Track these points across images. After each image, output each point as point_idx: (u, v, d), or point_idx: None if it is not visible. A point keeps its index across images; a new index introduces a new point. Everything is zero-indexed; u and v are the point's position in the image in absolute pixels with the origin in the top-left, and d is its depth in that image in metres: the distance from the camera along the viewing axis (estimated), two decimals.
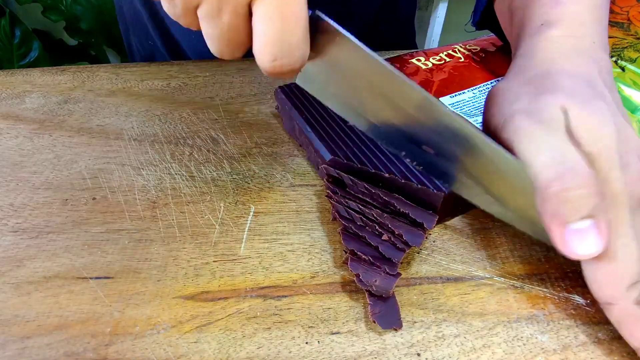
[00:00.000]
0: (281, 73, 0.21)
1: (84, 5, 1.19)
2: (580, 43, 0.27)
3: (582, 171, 0.21)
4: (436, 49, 0.41)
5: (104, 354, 0.22)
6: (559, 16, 0.28)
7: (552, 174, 0.21)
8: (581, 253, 0.21)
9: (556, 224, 0.21)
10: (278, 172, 0.32)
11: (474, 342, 0.23)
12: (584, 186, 0.21)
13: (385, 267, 0.24)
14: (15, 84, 0.41)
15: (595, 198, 0.21)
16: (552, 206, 0.21)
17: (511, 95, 0.26)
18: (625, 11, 0.42)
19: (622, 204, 0.22)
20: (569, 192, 0.21)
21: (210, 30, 0.20)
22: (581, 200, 0.21)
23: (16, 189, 0.30)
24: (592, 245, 0.21)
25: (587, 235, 0.21)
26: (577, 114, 0.23)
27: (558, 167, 0.21)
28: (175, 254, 0.26)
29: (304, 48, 0.21)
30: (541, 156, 0.22)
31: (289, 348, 0.22)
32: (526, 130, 0.23)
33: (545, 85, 0.25)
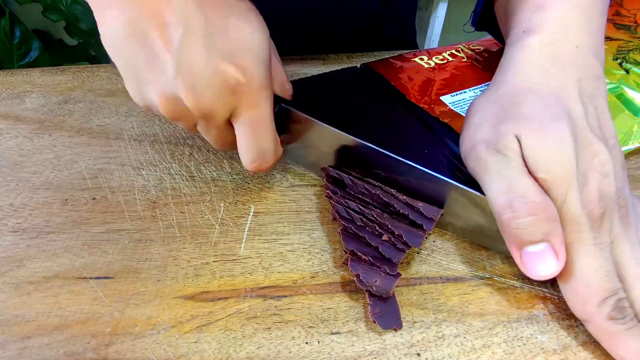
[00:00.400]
0: (260, 170, 0.27)
1: (84, 5, 1.18)
2: (560, 50, 0.27)
3: (532, 198, 0.22)
4: (439, 49, 0.41)
5: (104, 354, 0.22)
6: (541, 22, 0.28)
7: (503, 202, 0.23)
8: (540, 274, 0.23)
9: (514, 248, 0.23)
10: (278, 172, 0.32)
11: (474, 342, 0.23)
12: (534, 213, 0.22)
13: (386, 268, 0.25)
14: (15, 84, 0.41)
15: (547, 223, 0.22)
16: (508, 232, 0.23)
17: (477, 119, 0.27)
18: (632, 14, 0.42)
19: (582, 225, 0.22)
20: (518, 219, 0.22)
21: (207, 138, 0.27)
22: (532, 226, 0.22)
23: (16, 189, 0.30)
24: (549, 267, 0.22)
25: (543, 257, 0.22)
26: (531, 143, 0.24)
27: (508, 196, 0.23)
28: (175, 254, 0.26)
29: (275, 149, 0.27)
30: (493, 186, 0.24)
31: (289, 348, 0.22)
32: (484, 160, 0.24)
33: (507, 111, 0.25)
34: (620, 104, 0.34)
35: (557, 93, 0.25)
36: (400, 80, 0.37)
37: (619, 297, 0.22)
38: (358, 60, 0.45)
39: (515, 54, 0.28)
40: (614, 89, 0.35)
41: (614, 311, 0.21)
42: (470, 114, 0.28)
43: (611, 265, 0.22)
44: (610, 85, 0.35)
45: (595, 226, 0.22)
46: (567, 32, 0.27)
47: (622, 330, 0.21)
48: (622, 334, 0.21)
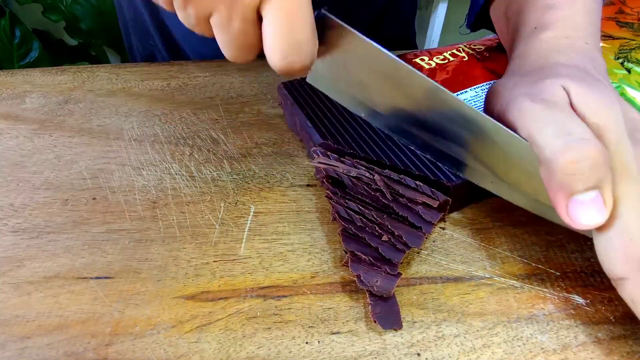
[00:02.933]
0: (292, 70, 0.22)
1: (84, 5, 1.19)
2: (574, 42, 0.27)
3: (590, 141, 0.21)
4: (440, 49, 0.41)
5: (104, 354, 0.22)
6: (551, 20, 0.28)
7: (559, 146, 0.21)
8: (585, 223, 0.21)
9: (562, 196, 0.21)
10: (278, 172, 0.32)
11: (474, 342, 0.23)
12: (592, 157, 0.20)
13: (386, 268, 0.25)
14: (15, 84, 0.41)
15: (602, 169, 0.20)
16: (559, 178, 0.21)
17: (511, 85, 0.26)
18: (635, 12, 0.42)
19: (634, 176, 0.21)
20: (577, 163, 0.20)
21: (223, 36, 0.22)
22: (588, 171, 0.20)
23: (16, 189, 0.30)
24: (596, 216, 0.21)
25: (591, 206, 0.21)
26: (579, 91, 0.23)
27: (565, 139, 0.21)
28: (176, 254, 0.27)
29: (312, 45, 0.21)
30: (547, 130, 0.22)
31: (289, 348, 0.22)
32: (529, 108, 0.23)
33: (544, 73, 0.25)
34: None
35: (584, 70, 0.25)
36: None
37: None
38: None
39: (531, 46, 0.28)
40: (615, 88, 0.35)
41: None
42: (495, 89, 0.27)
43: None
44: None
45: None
46: (577, 30, 0.28)
47: None
48: None
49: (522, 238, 0.28)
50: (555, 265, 0.26)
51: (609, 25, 0.41)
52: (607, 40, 0.39)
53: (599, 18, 0.29)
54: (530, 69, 0.26)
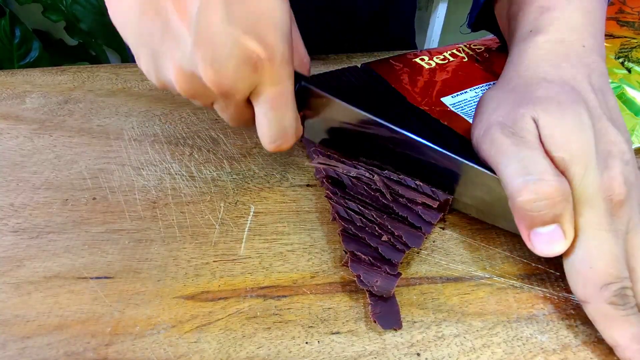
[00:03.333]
0: (281, 150, 0.26)
1: (84, 5, 1.19)
2: (568, 48, 0.27)
3: (547, 181, 0.22)
4: (440, 49, 0.41)
5: (104, 354, 0.22)
6: (547, 22, 0.28)
7: (518, 185, 0.23)
8: (546, 253, 0.23)
9: (523, 227, 0.23)
10: (278, 172, 0.32)
11: (474, 342, 0.23)
12: (548, 197, 0.22)
13: (386, 268, 0.25)
14: (15, 84, 0.41)
15: (560, 205, 0.22)
16: (519, 213, 0.23)
17: (493, 106, 0.27)
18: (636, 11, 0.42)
19: (597, 207, 0.22)
20: (532, 202, 0.22)
21: (225, 117, 0.27)
22: (545, 209, 0.22)
23: (16, 189, 0.30)
24: (555, 247, 0.23)
25: (552, 237, 0.23)
26: (548, 123, 0.24)
27: (524, 178, 0.22)
28: (175, 254, 0.27)
29: (295, 127, 0.26)
30: (509, 168, 0.23)
31: (289, 348, 0.22)
32: (499, 142, 0.24)
33: (523, 96, 0.26)
34: (621, 103, 0.34)
35: (571, 83, 0.25)
36: (401, 82, 0.37)
37: (624, 285, 0.22)
38: (358, 61, 0.45)
39: (524, 51, 0.28)
40: (615, 88, 0.35)
41: (616, 297, 0.21)
42: (481, 103, 0.28)
43: (621, 253, 0.22)
44: (612, 84, 0.35)
45: (612, 211, 0.22)
46: (572, 32, 0.28)
47: (620, 315, 0.21)
48: (620, 319, 0.21)
49: (521, 238, 0.28)
50: (555, 265, 0.26)
51: (609, 24, 0.41)
52: (607, 40, 0.39)
53: (602, 17, 0.29)
54: (516, 83, 0.27)
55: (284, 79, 0.23)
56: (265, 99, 0.24)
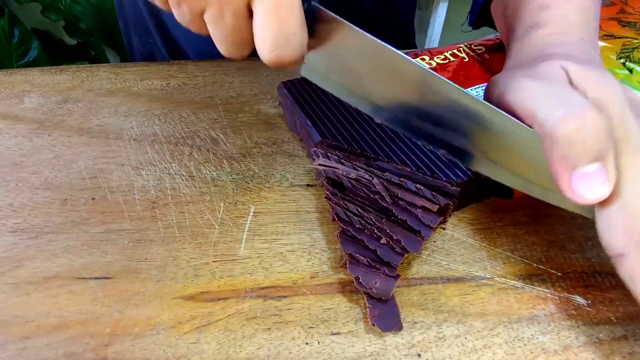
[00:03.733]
0: (282, 63, 0.22)
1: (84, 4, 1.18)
2: (568, 38, 0.27)
3: (592, 110, 0.20)
4: (441, 48, 0.41)
5: (104, 354, 0.22)
6: (546, 18, 0.28)
7: (561, 115, 0.20)
8: (588, 197, 0.20)
9: (564, 169, 0.21)
10: (278, 172, 0.32)
11: (475, 343, 0.23)
12: (595, 124, 0.20)
13: (385, 269, 0.24)
14: (14, 83, 0.41)
15: (604, 140, 0.20)
16: (561, 150, 0.20)
17: (509, 73, 0.25)
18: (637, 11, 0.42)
19: (637, 148, 0.21)
20: (579, 132, 0.20)
21: (217, 33, 0.22)
22: (591, 140, 0.20)
23: (16, 189, 0.30)
24: (599, 189, 0.20)
25: (594, 179, 0.20)
26: (578, 69, 0.22)
27: (567, 108, 0.20)
28: (175, 254, 0.26)
29: (301, 37, 0.22)
30: (547, 103, 0.21)
31: (289, 348, 0.22)
32: (528, 86, 0.23)
33: (541, 59, 0.25)
34: None
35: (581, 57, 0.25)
36: None
37: None
38: None
39: (526, 43, 0.28)
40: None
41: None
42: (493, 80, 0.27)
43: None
44: None
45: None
46: (571, 27, 0.28)
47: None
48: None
49: (522, 238, 0.28)
50: (556, 265, 0.26)
51: (610, 24, 0.41)
52: (609, 40, 0.39)
53: (597, 17, 0.29)
54: (526, 60, 0.26)
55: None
56: None
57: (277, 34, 0.21)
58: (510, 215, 0.29)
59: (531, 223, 0.29)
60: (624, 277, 0.21)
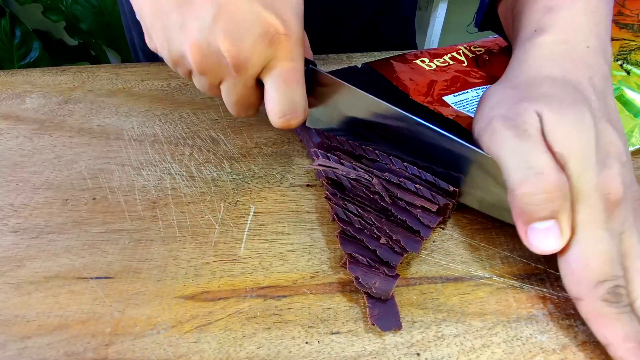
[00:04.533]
0: (289, 125, 0.27)
1: (84, 5, 1.19)
2: (572, 48, 0.27)
3: (547, 175, 0.22)
4: (440, 50, 0.41)
5: (104, 354, 0.22)
6: (551, 22, 0.28)
7: (518, 178, 0.23)
8: (542, 249, 0.23)
9: (520, 222, 0.23)
10: (278, 172, 0.32)
11: (474, 342, 0.23)
12: (547, 191, 0.22)
13: (384, 269, 0.25)
14: (15, 84, 0.41)
15: (558, 201, 0.22)
16: (518, 206, 0.23)
17: (495, 100, 0.27)
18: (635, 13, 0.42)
19: (594, 206, 0.22)
20: (531, 196, 0.22)
21: (228, 98, 0.27)
22: (543, 204, 0.22)
23: (16, 189, 0.31)
24: (552, 243, 0.22)
25: (547, 234, 0.22)
26: (551, 118, 0.24)
27: (524, 172, 0.22)
28: (175, 254, 0.27)
29: (304, 103, 0.26)
30: (511, 160, 0.23)
31: (289, 348, 0.22)
32: (501, 134, 0.24)
33: (527, 92, 0.26)
34: (620, 105, 0.34)
35: (574, 83, 0.26)
36: (402, 80, 0.37)
37: (617, 283, 0.22)
38: (358, 61, 0.45)
39: (528, 50, 0.28)
40: (614, 90, 0.35)
41: (609, 294, 0.21)
42: (484, 99, 0.28)
43: (616, 252, 0.22)
44: None
45: (608, 211, 0.22)
46: (577, 32, 0.28)
47: (612, 313, 0.21)
48: (613, 317, 0.21)
49: None
50: (555, 265, 0.26)
51: None
52: None
53: (608, 16, 0.29)
54: (520, 80, 0.27)
55: (297, 56, 0.25)
56: (279, 73, 0.25)
57: (287, 103, 0.25)
58: None
59: None
60: (582, 316, 0.23)
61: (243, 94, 0.26)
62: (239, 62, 0.24)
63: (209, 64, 0.24)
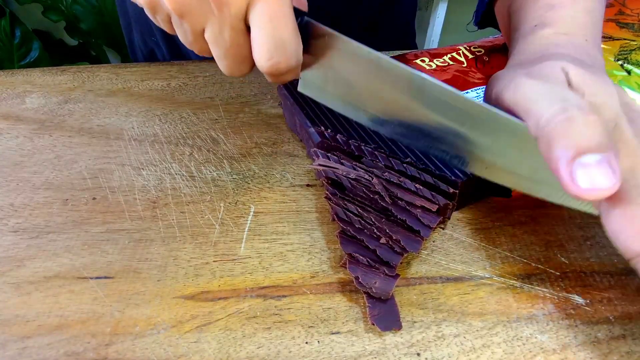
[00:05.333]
0: (279, 71, 0.23)
1: (84, 5, 1.19)
2: (572, 39, 0.27)
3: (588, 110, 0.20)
4: (440, 50, 0.41)
5: (104, 353, 0.22)
6: (552, 18, 0.28)
7: (557, 108, 0.20)
8: (596, 187, 0.18)
9: (564, 161, 0.19)
10: (278, 172, 0.32)
11: (474, 342, 0.23)
12: (590, 117, 0.19)
13: (384, 269, 0.25)
14: (15, 84, 0.41)
15: (605, 133, 0.19)
16: (558, 141, 0.19)
17: (511, 71, 0.26)
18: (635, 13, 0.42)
19: (636, 150, 0.21)
20: (575, 119, 0.19)
21: (217, 50, 0.24)
22: (589, 132, 0.19)
23: (17, 189, 0.31)
24: (604, 180, 0.18)
25: (598, 169, 0.18)
26: (578, 72, 0.23)
27: (563, 103, 0.20)
28: (176, 254, 0.27)
29: (295, 44, 0.23)
30: (545, 99, 0.21)
31: (289, 348, 0.22)
32: (527, 84, 0.23)
33: (544, 58, 0.25)
34: None
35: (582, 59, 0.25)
36: None
37: None
38: None
39: (532, 42, 0.28)
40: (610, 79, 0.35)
41: None
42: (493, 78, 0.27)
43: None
44: None
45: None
46: (577, 28, 0.28)
47: None
48: None
49: (521, 238, 0.28)
50: (555, 265, 0.26)
51: (609, 26, 0.41)
52: (607, 42, 0.39)
53: (601, 19, 0.29)
54: (529, 59, 0.27)
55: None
56: (263, 9, 0.22)
57: (273, 41, 0.22)
58: (509, 215, 0.29)
59: (530, 223, 0.29)
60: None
61: (232, 40, 0.23)
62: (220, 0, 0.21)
63: (188, 3, 0.22)
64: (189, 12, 0.22)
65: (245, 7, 0.22)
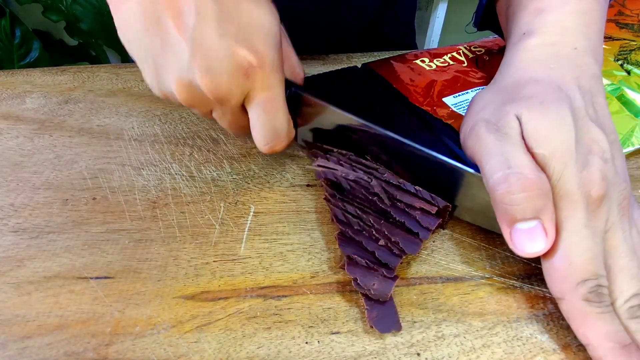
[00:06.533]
0: (274, 151, 0.28)
1: (84, 5, 1.18)
2: (559, 50, 0.27)
3: (527, 174, 0.22)
4: (440, 50, 0.41)
5: (104, 353, 0.22)
6: (540, 25, 0.29)
7: (498, 177, 0.23)
8: (527, 251, 0.23)
9: (504, 224, 0.23)
10: (278, 172, 0.32)
11: (474, 342, 0.23)
12: (528, 189, 0.22)
13: (383, 271, 0.25)
14: (15, 84, 0.41)
15: (539, 200, 0.22)
16: (500, 208, 0.23)
17: (482, 104, 0.27)
18: (635, 13, 0.42)
19: (576, 203, 0.22)
20: (511, 195, 0.22)
21: (222, 123, 0.28)
22: (524, 203, 0.22)
23: (17, 189, 0.31)
24: (537, 245, 0.22)
25: (532, 235, 0.22)
26: (530, 120, 0.24)
27: (504, 171, 0.23)
28: (176, 254, 0.27)
29: (287, 128, 0.27)
30: (491, 161, 0.24)
31: (289, 348, 0.22)
32: (483, 138, 0.25)
33: (510, 95, 0.26)
34: (621, 105, 0.34)
35: (558, 83, 0.26)
36: (402, 82, 0.37)
37: (600, 283, 0.22)
38: (358, 61, 0.45)
39: (516, 54, 0.29)
40: (614, 90, 0.35)
41: (591, 294, 0.21)
42: (472, 103, 0.29)
43: (600, 250, 0.22)
44: (611, 86, 0.35)
45: (591, 208, 0.22)
46: (565, 34, 0.28)
47: (594, 312, 0.21)
48: (594, 316, 0.21)
49: None
50: None
51: (609, 26, 0.41)
52: (607, 42, 0.39)
53: (601, 18, 0.29)
54: (505, 83, 0.28)
55: (274, 85, 0.25)
56: (258, 103, 0.26)
57: (268, 129, 0.27)
58: None
59: None
60: (564, 315, 0.23)
61: (233, 120, 0.27)
62: (219, 97, 0.24)
63: (195, 99, 0.25)
64: (197, 104, 0.26)
65: (242, 99, 0.26)
